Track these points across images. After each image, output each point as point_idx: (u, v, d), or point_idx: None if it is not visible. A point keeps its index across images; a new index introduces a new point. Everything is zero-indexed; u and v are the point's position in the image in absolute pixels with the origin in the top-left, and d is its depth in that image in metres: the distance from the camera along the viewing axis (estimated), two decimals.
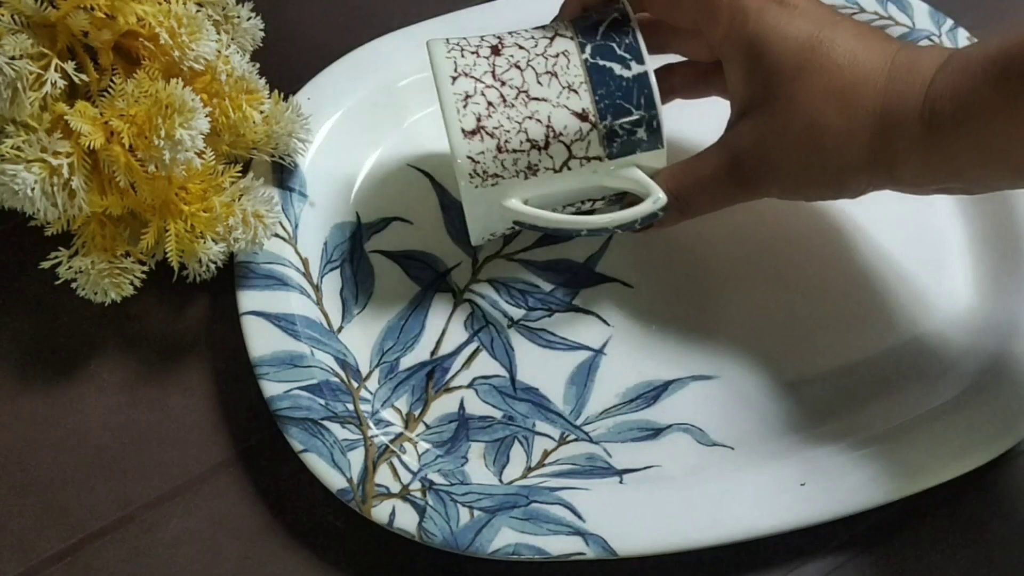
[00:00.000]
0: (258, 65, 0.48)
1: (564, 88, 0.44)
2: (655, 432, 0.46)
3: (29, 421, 0.46)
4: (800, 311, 0.49)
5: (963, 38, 0.56)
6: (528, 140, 0.44)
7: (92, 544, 0.43)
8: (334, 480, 0.42)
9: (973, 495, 0.45)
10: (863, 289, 0.50)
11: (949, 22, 0.57)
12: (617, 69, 0.44)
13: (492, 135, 0.43)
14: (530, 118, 0.44)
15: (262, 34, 0.50)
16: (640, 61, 0.44)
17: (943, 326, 0.49)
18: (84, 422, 0.46)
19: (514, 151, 0.44)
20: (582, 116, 0.44)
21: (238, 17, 0.49)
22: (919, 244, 0.51)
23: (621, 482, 0.44)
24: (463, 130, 0.43)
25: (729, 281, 0.50)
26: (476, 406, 0.46)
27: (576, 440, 0.46)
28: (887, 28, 0.56)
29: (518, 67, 0.44)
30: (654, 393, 0.47)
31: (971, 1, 0.60)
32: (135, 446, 0.45)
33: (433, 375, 0.47)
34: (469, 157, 0.43)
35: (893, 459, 0.44)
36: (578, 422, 0.46)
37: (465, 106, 0.43)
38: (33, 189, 0.41)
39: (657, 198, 0.45)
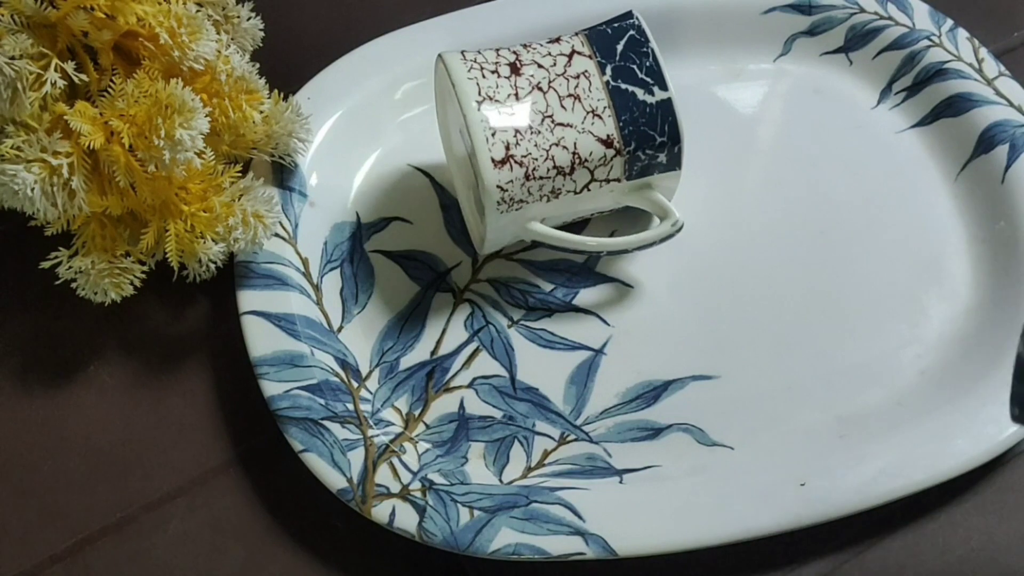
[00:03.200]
0: (258, 65, 0.48)
1: (588, 113, 0.44)
2: (655, 432, 0.46)
3: (29, 422, 0.46)
4: (800, 311, 0.49)
5: (963, 38, 0.56)
6: (555, 167, 0.44)
7: (92, 545, 0.43)
8: (334, 480, 0.42)
9: (972, 495, 0.45)
10: (863, 289, 0.50)
11: (949, 22, 0.57)
12: (640, 94, 0.44)
13: (521, 164, 0.43)
14: (556, 145, 0.44)
15: (262, 34, 0.50)
16: (663, 87, 0.45)
17: (943, 326, 0.49)
18: (84, 423, 0.46)
19: (541, 178, 0.44)
20: (607, 143, 0.44)
21: (238, 17, 0.49)
22: (919, 244, 0.51)
23: (621, 482, 0.44)
24: (493, 159, 0.43)
25: (729, 281, 0.50)
26: (476, 406, 0.46)
27: (576, 440, 0.46)
28: (887, 28, 0.56)
29: (540, 89, 0.44)
30: (654, 393, 0.47)
31: (971, 1, 0.60)
32: (135, 447, 0.45)
33: (433, 375, 0.47)
34: (499, 186, 0.43)
35: (893, 459, 0.44)
36: (578, 422, 0.46)
37: (493, 134, 0.43)
38: (33, 189, 0.41)
39: (675, 220, 0.46)
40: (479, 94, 0.44)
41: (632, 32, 0.45)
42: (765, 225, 0.52)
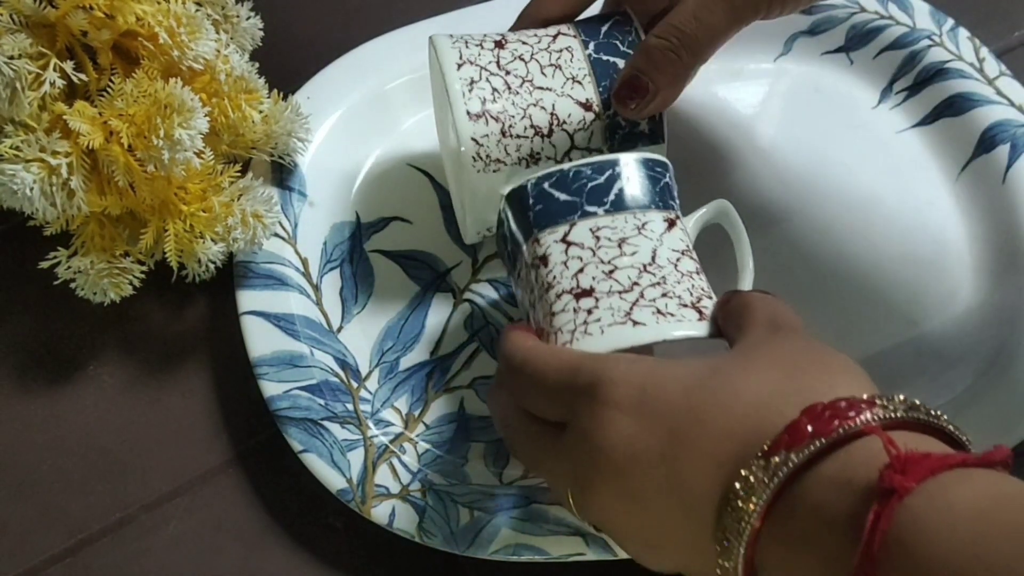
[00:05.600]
0: (257, 65, 0.48)
1: (568, 79, 0.44)
2: None
3: (29, 422, 0.46)
4: (800, 311, 0.49)
5: (964, 37, 0.56)
6: (532, 126, 0.44)
7: (92, 545, 0.43)
8: (334, 480, 0.42)
9: None
10: (863, 289, 0.50)
11: (950, 22, 0.57)
12: (621, 64, 0.44)
13: (497, 119, 0.43)
14: (534, 105, 0.44)
15: (261, 33, 0.50)
16: None
17: (943, 326, 0.49)
18: (83, 423, 0.46)
19: (518, 136, 0.44)
20: (586, 106, 0.44)
21: (237, 16, 0.49)
22: (919, 244, 0.51)
23: None
24: (468, 112, 0.43)
25: (729, 280, 0.50)
26: (476, 406, 0.46)
27: None
28: (887, 28, 0.56)
29: (522, 59, 0.44)
30: None
31: (972, 1, 0.60)
32: (134, 447, 0.45)
33: (433, 375, 0.47)
34: (473, 139, 0.43)
35: None
36: None
37: (471, 90, 0.43)
38: (32, 189, 0.41)
39: None
40: (460, 58, 0.44)
41: (618, 16, 0.46)
42: (765, 225, 0.52)
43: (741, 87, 0.56)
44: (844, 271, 0.50)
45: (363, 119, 0.53)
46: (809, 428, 0.29)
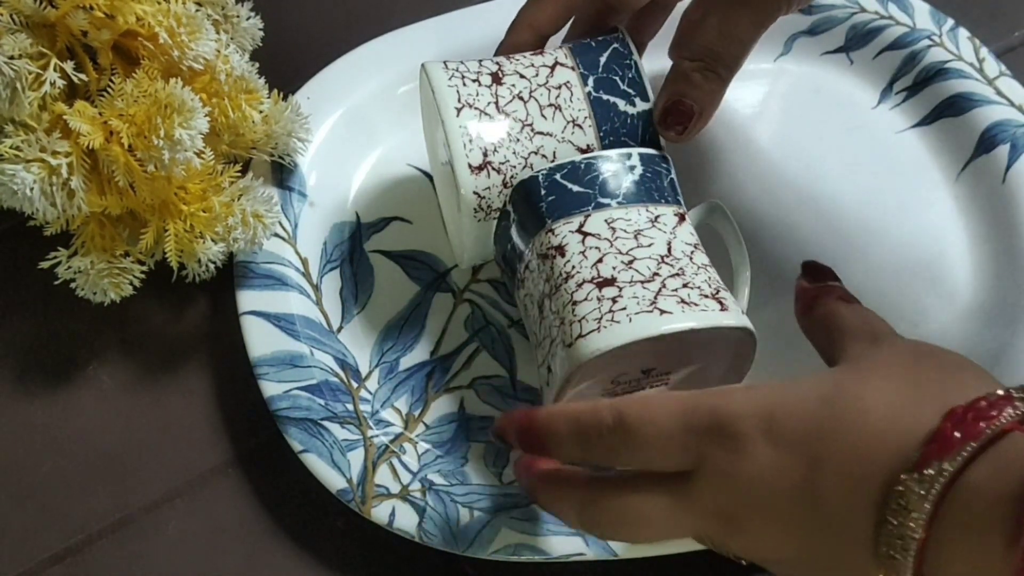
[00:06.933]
0: (257, 65, 0.47)
1: (568, 122, 0.44)
2: None
3: (28, 422, 0.46)
4: None
5: (964, 37, 0.56)
6: None
7: (91, 546, 0.43)
8: (334, 480, 0.42)
9: None
10: (862, 290, 0.50)
11: (950, 22, 0.57)
12: (621, 105, 0.44)
13: (498, 170, 0.43)
14: (535, 153, 0.43)
15: (261, 33, 0.50)
16: (645, 98, 0.44)
17: (944, 327, 0.49)
18: (83, 423, 0.46)
19: None
20: (586, 152, 0.44)
21: (237, 16, 0.49)
22: (919, 245, 0.51)
23: None
24: (470, 165, 0.43)
25: (728, 281, 0.50)
26: (476, 406, 0.46)
27: None
28: (887, 28, 0.56)
29: (521, 98, 0.44)
30: None
31: (972, 1, 0.60)
32: (134, 447, 0.45)
33: (433, 375, 0.47)
34: (475, 193, 0.43)
35: None
36: None
37: (471, 140, 0.43)
38: (32, 189, 0.41)
39: None
40: (459, 101, 0.43)
41: (616, 45, 0.45)
42: (765, 225, 0.52)
43: (741, 87, 0.56)
44: (843, 272, 0.50)
45: (363, 120, 0.53)
46: (957, 434, 0.29)
